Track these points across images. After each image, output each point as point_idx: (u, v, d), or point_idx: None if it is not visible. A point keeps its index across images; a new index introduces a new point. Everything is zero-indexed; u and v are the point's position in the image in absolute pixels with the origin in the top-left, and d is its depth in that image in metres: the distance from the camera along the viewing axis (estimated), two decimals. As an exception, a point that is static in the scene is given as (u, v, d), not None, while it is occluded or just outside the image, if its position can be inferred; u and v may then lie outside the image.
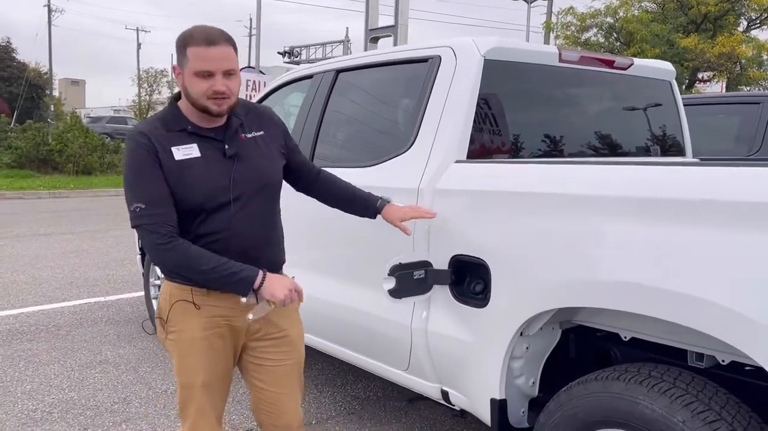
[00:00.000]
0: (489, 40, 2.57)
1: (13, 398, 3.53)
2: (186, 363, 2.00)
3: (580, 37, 19.52)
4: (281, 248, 2.15)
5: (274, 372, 2.12)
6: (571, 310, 2.19)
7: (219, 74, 1.84)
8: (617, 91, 3.14)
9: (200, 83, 1.84)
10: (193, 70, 1.83)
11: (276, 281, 1.90)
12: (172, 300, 1.99)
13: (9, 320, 4.98)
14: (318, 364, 4.07)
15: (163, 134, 1.90)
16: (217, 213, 1.92)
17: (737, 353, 1.72)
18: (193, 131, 1.92)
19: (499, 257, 2.20)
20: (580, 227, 1.98)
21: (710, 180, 1.74)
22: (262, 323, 2.06)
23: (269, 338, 2.10)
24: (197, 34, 1.84)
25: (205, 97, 1.85)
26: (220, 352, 2.03)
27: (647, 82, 3.21)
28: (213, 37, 1.84)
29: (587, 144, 2.93)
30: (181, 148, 1.89)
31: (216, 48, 1.82)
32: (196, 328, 1.98)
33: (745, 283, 1.59)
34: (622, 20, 18.66)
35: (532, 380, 2.33)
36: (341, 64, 3.23)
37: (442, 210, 2.40)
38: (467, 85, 2.50)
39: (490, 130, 2.58)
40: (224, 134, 1.96)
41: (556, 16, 20.78)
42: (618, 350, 2.30)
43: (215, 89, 1.83)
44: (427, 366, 2.54)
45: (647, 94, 3.25)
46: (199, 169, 1.89)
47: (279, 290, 1.88)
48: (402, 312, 2.56)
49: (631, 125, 3.17)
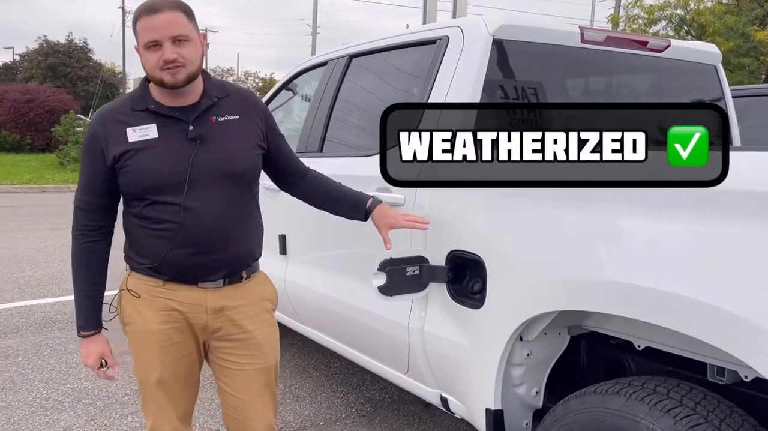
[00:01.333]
0: (499, 16, 2.36)
1: (30, 385, 3.56)
2: (143, 358, 1.89)
3: (648, 30, 18.69)
4: (252, 243, 1.96)
5: (237, 376, 1.96)
6: (579, 314, 1.97)
7: (167, 42, 1.71)
8: (651, 76, 2.86)
9: (151, 56, 1.73)
10: (142, 43, 1.73)
11: (90, 347, 1.91)
12: (122, 288, 1.91)
13: (46, 308, 5.07)
14: (336, 363, 3.94)
15: (126, 114, 1.81)
16: (169, 198, 1.78)
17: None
18: (155, 110, 1.80)
19: (494, 253, 2.00)
20: (582, 222, 1.76)
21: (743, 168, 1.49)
22: (223, 320, 1.91)
23: (231, 338, 1.94)
24: (143, 7, 1.73)
25: (158, 69, 1.73)
26: (181, 347, 1.90)
27: (688, 66, 2.91)
28: (155, 5, 1.72)
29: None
30: (138, 128, 1.77)
31: (159, 15, 1.70)
32: (153, 321, 1.86)
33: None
34: (694, 12, 17.75)
35: (536, 389, 2.11)
36: (354, 49, 3.08)
37: (438, 203, 2.21)
38: (473, 67, 2.30)
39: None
40: (190, 115, 1.82)
41: (623, 9, 20.00)
42: (632, 360, 2.06)
43: (165, 58, 1.71)
44: (426, 370, 2.36)
45: (688, 79, 2.95)
46: (154, 150, 1.77)
47: (87, 356, 1.92)
48: (399, 311, 2.38)
49: (665, 113, 2.87)
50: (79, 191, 1.86)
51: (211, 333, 1.92)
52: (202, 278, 1.86)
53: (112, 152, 1.77)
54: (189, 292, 1.85)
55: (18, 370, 3.77)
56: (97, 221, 1.86)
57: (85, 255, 1.87)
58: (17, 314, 4.89)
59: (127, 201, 1.85)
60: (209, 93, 1.86)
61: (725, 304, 1.41)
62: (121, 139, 1.77)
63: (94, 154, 1.80)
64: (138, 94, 1.84)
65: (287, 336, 4.31)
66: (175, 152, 1.78)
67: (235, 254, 1.89)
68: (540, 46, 2.44)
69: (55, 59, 34.43)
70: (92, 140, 1.81)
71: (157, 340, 1.86)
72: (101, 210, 1.86)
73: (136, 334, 1.89)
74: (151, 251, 1.83)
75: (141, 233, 1.84)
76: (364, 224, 2.30)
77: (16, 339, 4.33)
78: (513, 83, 2.43)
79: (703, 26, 17.09)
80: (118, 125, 1.79)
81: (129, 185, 1.79)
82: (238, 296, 1.92)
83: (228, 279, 1.89)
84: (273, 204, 2.34)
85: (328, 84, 3.13)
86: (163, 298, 1.86)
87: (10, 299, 5.30)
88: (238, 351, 1.94)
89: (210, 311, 1.88)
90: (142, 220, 1.82)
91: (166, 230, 1.79)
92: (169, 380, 1.90)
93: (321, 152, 3.02)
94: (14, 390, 3.49)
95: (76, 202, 1.87)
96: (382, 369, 2.65)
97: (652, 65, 2.81)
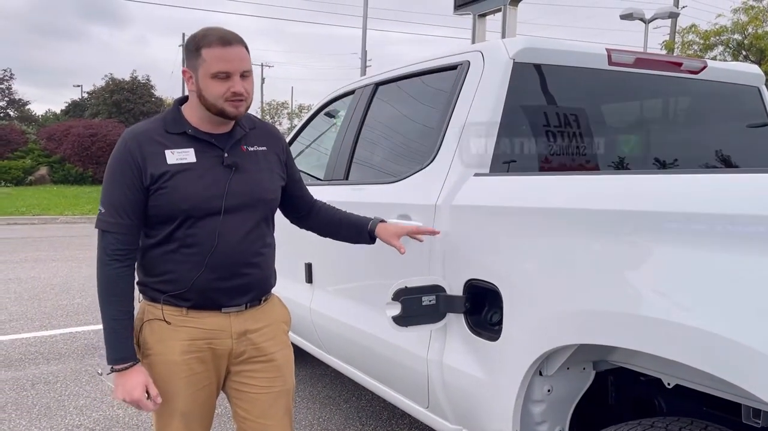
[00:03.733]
0: (521, 39, 2.30)
1: (64, 412, 3.61)
2: (163, 388, 1.84)
3: (704, 56, 18.20)
4: (272, 267, 1.99)
5: (258, 400, 1.94)
6: (603, 349, 1.85)
7: (237, 75, 1.76)
8: (688, 99, 2.73)
9: (218, 85, 1.75)
10: (211, 71, 1.74)
11: (125, 380, 1.77)
12: (144, 319, 1.87)
13: (89, 335, 5.19)
14: (367, 395, 3.85)
15: (162, 135, 1.81)
16: (204, 222, 1.79)
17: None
18: (192, 135, 1.83)
19: (510, 283, 1.91)
20: (602, 250, 1.66)
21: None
22: (246, 344, 1.90)
23: (253, 361, 1.93)
24: (211, 35, 1.75)
25: (222, 99, 1.76)
26: (201, 377, 1.87)
27: (728, 87, 2.78)
28: (229, 37, 1.76)
29: (645, 160, 2.55)
30: (176, 152, 1.79)
31: (233, 48, 1.75)
32: (175, 351, 1.83)
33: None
34: (752, 37, 17.21)
35: (559, 428, 1.99)
36: (381, 77, 3.07)
37: (458, 229, 2.14)
38: (492, 91, 2.24)
39: (520, 141, 2.30)
40: (225, 143, 1.85)
41: (678, 35, 19.54)
42: (662, 399, 1.92)
43: (234, 90, 1.75)
44: (445, 404, 2.26)
45: (728, 101, 2.80)
46: (192, 174, 1.78)
47: (120, 389, 1.78)
48: (418, 343, 2.30)
49: (702, 138, 2.74)
50: (106, 214, 1.78)
51: (235, 358, 1.91)
52: (226, 303, 1.86)
53: (150, 171, 1.76)
54: (213, 318, 1.85)
55: (55, 396, 3.84)
56: (128, 244, 1.79)
57: (118, 282, 1.78)
58: (62, 341, 5.01)
59: (154, 226, 1.82)
60: (241, 124, 1.91)
61: (752, 342, 1.28)
62: (160, 160, 1.77)
63: (128, 173, 1.76)
64: (171, 117, 1.85)
65: (319, 367, 4.26)
66: (212, 177, 1.81)
67: (260, 279, 1.91)
68: (564, 69, 2.37)
69: (120, 96, 35.89)
70: (127, 159, 1.77)
71: (178, 370, 1.83)
72: (132, 232, 1.80)
73: (157, 365, 1.84)
74: (178, 276, 1.81)
75: (166, 259, 1.82)
76: (386, 253, 2.26)
77: (58, 365, 4.43)
78: (534, 107, 2.36)
79: (763, 51, 16.54)
80: (155, 145, 1.79)
81: (163, 206, 1.78)
82: (258, 318, 1.93)
83: (249, 303, 1.90)
84: (300, 232, 2.32)
85: (354, 112, 3.12)
86: (186, 327, 1.84)
87: (58, 326, 5.44)
88: (260, 374, 1.93)
89: (235, 335, 1.88)
90: (169, 244, 1.81)
91: (197, 254, 1.79)
92: (189, 411, 1.87)
93: (347, 180, 3.00)
94: (49, 416, 3.55)
95: (102, 226, 1.79)
96: (404, 403, 2.56)
97: (688, 88, 2.69)
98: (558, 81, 2.40)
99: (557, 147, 2.36)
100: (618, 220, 1.61)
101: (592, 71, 2.41)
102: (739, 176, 1.44)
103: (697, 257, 1.41)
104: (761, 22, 17.46)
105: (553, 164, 2.34)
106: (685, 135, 2.76)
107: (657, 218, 1.51)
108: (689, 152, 2.70)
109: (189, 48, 1.79)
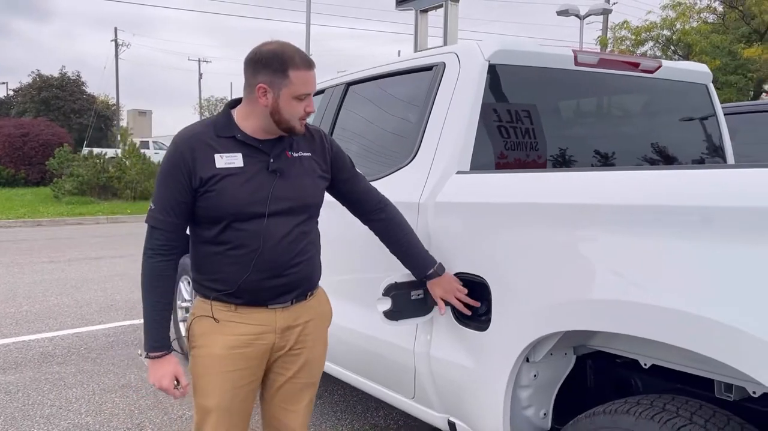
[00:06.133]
0: (494, 42, 2.40)
1: (31, 422, 3.51)
2: (203, 383, 1.93)
3: (636, 51, 18.95)
4: (316, 265, 2.05)
5: (284, 389, 2.07)
6: (584, 334, 1.98)
7: (310, 97, 1.88)
8: (644, 96, 2.90)
9: (298, 106, 1.85)
10: (295, 93, 1.83)
11: (157, 367, 1.90)
12: (196, 314, 1.97)
13: (44, 343, 5.03)
14: (339, 390, 3.91)
15: (211, 138, 1.88)
16: (249, 226, 1.87)
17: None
18: (241, 140, 1.89)
19: (498, 275, 2.01)
20: (585, 240, 1.77)
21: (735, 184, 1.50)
22: (288, 338, 2.00)
23: (290, 354, 2.03)
24: (297, 57, 1.82)
25: (297, 118, 1.86)
26: (245, 374, 1.95)
27: (679, 85, 2.96)
28: (310, 60, 1.86)
29: (607, 155, 2.70)
30: (225, 156, 1.86)
31: (313, 72, 1.86)
32: (220, 346, 1.91)
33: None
34: (680, 32, 18.03)
35: (544, 411, 2.11)
36: (351, 77, 3.12)
37: (443, 225, 2.23)
38: (470, 92, 2.33)
39: (497, 139, 2.40)
40: (272, 149, 1.92)
41: (611, 31, 20.26)
42: (639, 379, 2.06)
43: (309, 110, 1.87)
44: (432, 394, 2.35)
45: (680, 98, 2.99)
46: (239, 179, 1.86)
47: (152, 376, 1.91)
48: (405, 336, 2.38)
49: (661, 133, 2.91)
50: (155, 211, 1.88)
51: (276, 351, 2.00)
52: (273, 300, 1.94)
53: (200, 174, 1.83)
54: (260, 314, 1.93)
55: (19, 406, 3.73)
56: (172, 240, 1.89)
57: (158, 275, 1.89)
58: (15, 350, 4.85)
59: (203, 226, 1.91)
60: None
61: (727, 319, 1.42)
62: (209, 163, 1.84)
63: (178, 174, 1.84)
64: (222, 121, 1.92)
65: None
66: (258, 182, 1.88)
67: (304, 276, 1.99)
68: (535, 70, 2.48)
69: (49, 93, 34.53)
70: (178, 160, 1.84)
71: (221, 364, 1.91)
72: (177, 230, 1.89)
73: (201, 358, 1.93)
74: (227, 276, 1.89)
75: (215, 260, 1.90)
76: (365, 248, 2.32)
77: (15, 374, 4.29)
78: (509, 107, 2.47)
79: (690, 45, 17.35)
80: (206, 148, 1.86)
81: (210, 208, 1.85)
82: (303, 313, 2.02)
83: (295, 299, 1.99)
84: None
85: (326, 112, 3.16)
86: (233, 322, 1.92)
87: (8, 335, 5.25)
88: (292, 366, 2.04)
89: (279, 330, 1.97)
90: (217, 246, 1.89)
91: (243, 256, 1.87)
92: (227, 406, 1.94)
93: (320, 179, 3.04)
94: (15, 427, 3.45)
95: (151, 222, 1.89)
96: (388, 395, 2.64)
97: (644, 86, 2.86)
98: (528, 81, 2.51)
99: (532, 144, 2.47)
100: (591, 213, 1.76)
101: (560, 71, 2.53)
102: (679, 172, 1.64)
103: (664, 245, 1.57)
104: (688, 18, 18.32)
105: (528, 161, 2.45)
106: (641, 130, 2.93)
107: (632, 210, 1.64)
108: (645, 145, 2.88)
109: (273, 66, 1.82)
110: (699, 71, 3.03)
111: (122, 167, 18.41)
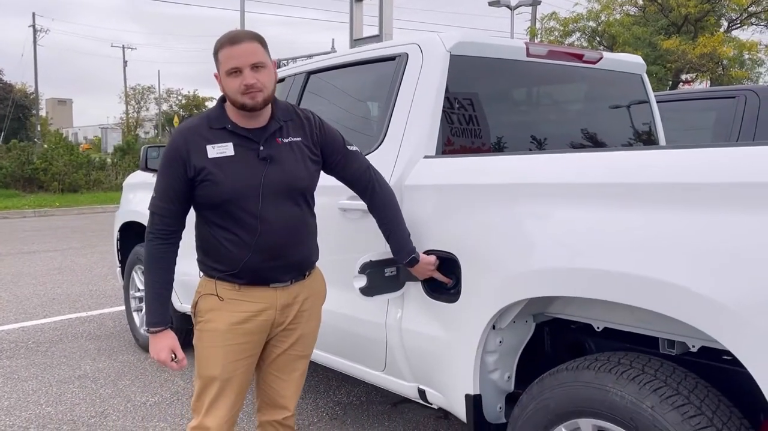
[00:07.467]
0: (454, 34, 2.56)
1: (-11, 414, 3.47)
2: (207, 354, 2.06)
3: (564, 41, 19.66)
4: (313, 245, 2.19)
5: (278, 360, 2.21)
6: (543, 301, 2.18)
7: (247, 69, 1.92)
8: (587, 86, 3.14)
9: (233, 82, 1.93)
10: (224, 70, 1.94)
11: (156, 341, 2.04)
12: (201, 293, 2.10)
13: (-12, 338, 4.91)
14: (300, 371, 4.03)
15: (205, 130, 2.01)
16: (246, 211, 1.99)
17: (708, 339, 1.71)
18: (232, 130, 2.01)
19: (467, 250, 2.19)
20: (545, 216, 1.97)
21: (680, 162, 1.72)
22: (287, 314, 2.13)
23: (286, 328, 2.16)
24: (223, 37, 1.96)
25: (239, 93, 1.93)
26: (245, 348, 2.08)
27: (618, 75, 3.21)
28: (237, 36, 1.95)
29: (557, 139, 2.92)
30: (216, 146, 1.98)
31: (240, 45, 1.92)
32: (224, 321, 2.05)
33: (712, 264, 1.57)
34: (605, 24, 18.84)
35: (508, 374, 2.30)
36: (312, 66, 3.22)
37: (412, 206, 2.38)
38: (434, 81, 2.49)
39: (459, 125, 2.57)
40: (261, 136, 2.02)
41: (539, 22, 20.94)
42: (592, 341, 2.29)
43: (245, 83, 1.91)
44: (403, 365, 2.51)
45: (618, 87, 3.24)
46: (230, 167, 1.97)
47: (152, 349, 2.05)
48: (376, 311, 2.53)
49: (602, 119, 3.16)
50: (156, 198, 2.03)
51: (276, 327, 2.14)
52: (274, 279, 2.08)
53: (194, 164, 1.96)
54: (262, 292, 2.07)
55: (-28, 401, 3.67)
56: (171, 225, 2.03)
57: (157, 256, 2.04)
58: (-42, 346, 4.71)
59: (204, 211, 2.04)
60: (277, 116, 2.08)
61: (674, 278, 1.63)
62: (202, 153, 1.97)
63: (175, 165, 1.98)
64: (215, 114, 2.05)
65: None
66: (249, 169, 1.99)
67: (302, 257, 2.13)
68: (492, 61, 2.66)
69: (-39, 81, 32.67)
70: (175, 153, 1.98)
71: (223, 339, 2.04)
72: (174, 215, 2.03)
73: (205, 332, 2.07)
74: (229, 258, 2.02)
75: (217, 243, 2.03)
76: (333, 228, 2.45)
77: (-37, 370, 4.19)
78: (469, 96, 2.64)
79: (614, 37, 18.16)
80: (199, 140, 1.99)
81: (207, 196, 1.98)
82: (301, 291, 2.16)
83: (294, 279, 2.13)
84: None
85: (287, 100, 3.25)
86: (236, 300, 2.05)
87: (-52, 331, 5.09)
88: (287, 339, 2.18)
89: (279, 307, 2.11)
90: (219, 230, 2.02)
91: (243, 239, 2.00)
92: (227, 378, 2.07)
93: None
94: (-27, 420, 3.41)
95: (152, 207, 2.04)
96: (356, 368, 2.78)
97: (587, 75, 3.09)
98: (486, 71, 2.69)
99: (492, 129, 2.66)
100: (545, 191, 1.97)
101: (514, 62, 2.72)
102: (614, 153, 1.85)
103: (609, 216, 1.78)
104: (612, 10, 19.14)
105: (486, 146, 2.64)
106: (583, 116, 3.16)
107: (579, 187, 1.85)
108: (587, 129, 3.11)
109: (213, 55, 1.99)
110: (635, 62, 3.29)
111: (48, 158, 17.68)
